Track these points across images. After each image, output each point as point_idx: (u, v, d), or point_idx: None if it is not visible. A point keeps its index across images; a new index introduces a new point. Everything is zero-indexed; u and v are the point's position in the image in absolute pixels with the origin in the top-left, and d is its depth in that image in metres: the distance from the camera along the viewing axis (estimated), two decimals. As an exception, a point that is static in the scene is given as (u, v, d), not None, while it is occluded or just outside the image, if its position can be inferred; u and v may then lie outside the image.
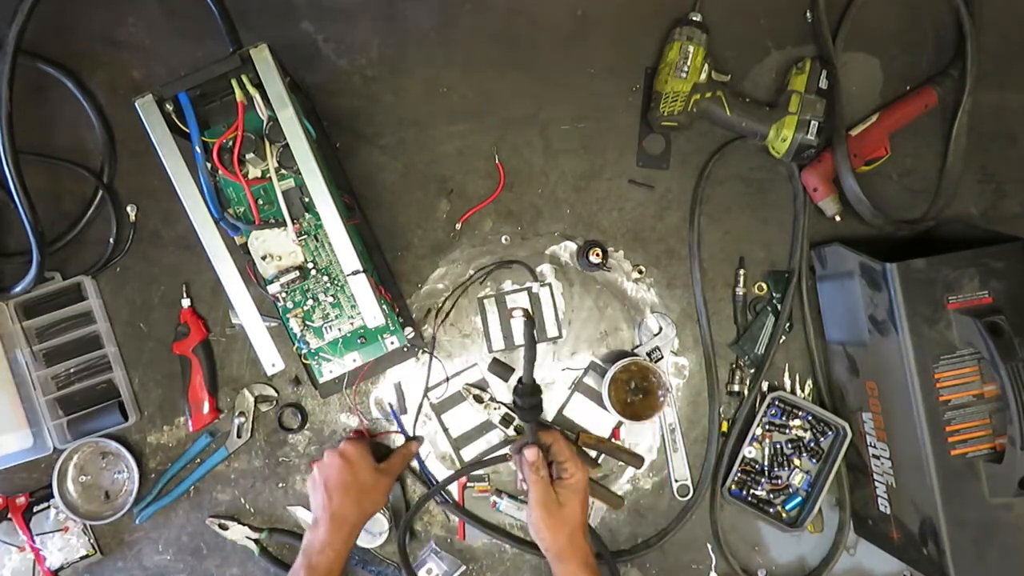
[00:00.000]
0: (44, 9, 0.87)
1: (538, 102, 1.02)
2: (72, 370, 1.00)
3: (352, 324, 0.88)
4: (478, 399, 1.00)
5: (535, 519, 0.86)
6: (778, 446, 1.00)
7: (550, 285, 1.02)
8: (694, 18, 0.97)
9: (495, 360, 1.01)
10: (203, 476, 1.00)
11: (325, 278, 0.86)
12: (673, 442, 1.02)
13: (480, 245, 1.02)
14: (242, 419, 1.00)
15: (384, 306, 0.85)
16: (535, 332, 0.87)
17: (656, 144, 1.03)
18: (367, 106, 1.01)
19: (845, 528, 1.01)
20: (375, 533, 0.96)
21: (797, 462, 1.00)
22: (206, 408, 0.98)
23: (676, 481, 1.02)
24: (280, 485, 1.01)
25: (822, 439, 1.00)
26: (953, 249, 0.86)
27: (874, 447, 0.94)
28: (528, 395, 0.87)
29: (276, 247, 0.85)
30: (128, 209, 0.99)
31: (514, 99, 1.02)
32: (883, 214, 0.98)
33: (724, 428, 1.02)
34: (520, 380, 0.88)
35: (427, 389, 1.01)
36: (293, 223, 0.84)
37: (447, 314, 1.01)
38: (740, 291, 1.02)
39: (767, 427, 1.01)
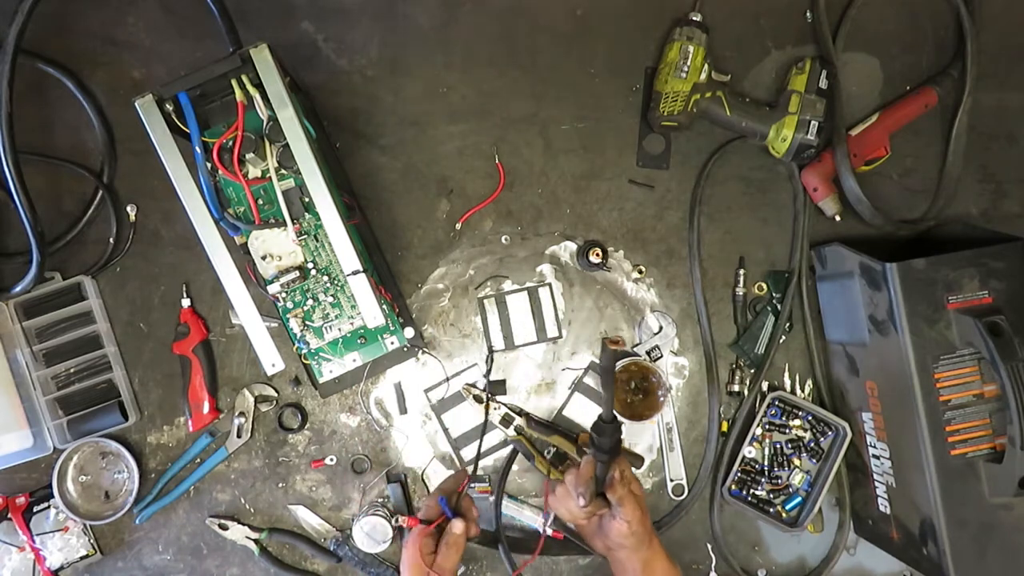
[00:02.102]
0: (44, 9, 0.87)
1: (538, 102, 1.02)
2: (72, 370, 0.99)
3: (352, 324, 0.88)
4: (478, 399, 1.00)
5: (638, 521, 0.81)
6: (778, 446, 1.00)
7: (550, 285, 1.02)
8: (694, 18, 0.97)
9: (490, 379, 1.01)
10: (203, 476, 1.00)
11: (325, 278, 0.86)
12: (670, 441, 1.02)
13: (480, 245, 1.02)
14: (242, 419, 1.00)
15: (384, 306, 0.85)
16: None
17: (656, 144, 1.03)
18: (367, 106, 1.01)
19: (845, 528, 1.01)
20: (378, 540, 0.96)
21: (797, 462, 1.00)
22: (206, 408, 0.98)
23: (671, 480, 1.02)
24: (280, 485, 1.01)
25: (822, 439, 1.00)
26: (953, 249, 0.86)
27: (874, 447, 0.94)
28: (612, 433, 0.77)
29: (276, 247, 0.85)
30: (128, 209, 0.99)
31: (514, 99, 1.02)
32: (883, 214, 0.98)
33: (724, 428, 1.02)
34: (600, 417, 0.77)
35: (431, 387, 1.01)
36: (293, 223, 0.84)
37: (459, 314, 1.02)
38: (740, 291, 1.02)
39: (767, 427, 1.01)
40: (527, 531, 1.01)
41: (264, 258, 0.85)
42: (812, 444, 1.00)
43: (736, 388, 1.02)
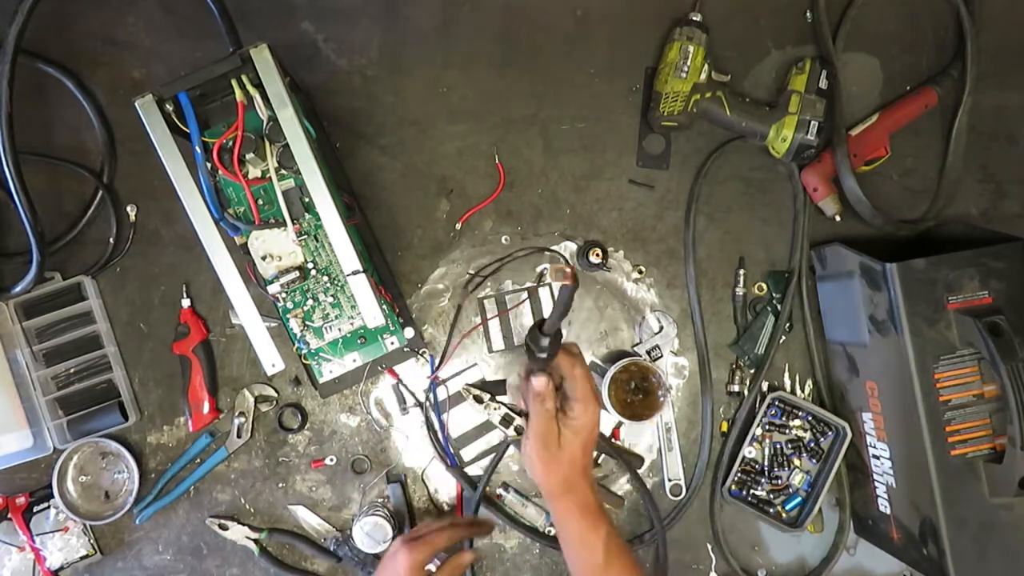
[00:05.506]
0: (44, 9, 0.87)
1: (538, 102, 1.02)
2: (72, 370, 0.99)
3: (352, 324, 0.88)
4: (478, 399, 0.99)
5: (529, 451, 0.75)
6: (778, 446, 1.00)
7: (550, 285, 1.02)
8: (694, 18, 0.97)
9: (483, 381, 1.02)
10: (203, 476, 1.00)
11: (325, 278, 0.86)
12: (668, 441, 1.02)
13: (480, 245, 1.02)
14: (242, 419, 1.00)
15: (384, 306, 0.85)
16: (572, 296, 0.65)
17: (656, 144, 1.03)
18: (367, 106, 1.01)
19: (845, 528, 1.01)
20: (379, 540, 0.96)
21: (797, 462, 1.00)
22: (206, 408, 0.98)
23: (669, 480, 1.02)
24: (280, 485, 1.01)
25: (822, 439, 1.00)
26: (953, 249, 0.86)
27: (874, 447, 0.94)
28: (554, 343, 0.69)
29: (276, 247, 0.85)
30: (128, 209, 0.99)
31: (514, 99, 1.02)
32: (883, 214, 0.98)
33: (724, 428, 1.02)
34: (541, 325, 0.69)
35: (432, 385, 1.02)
36: (293, 223, 0.84)
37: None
38: (740, 291, 1.02)
39: (767, 427, 1.01)
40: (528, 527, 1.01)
41: (264, 258, 0.85)
42: (812, 444, 1.00)
43: (736, 388, 1.02)
